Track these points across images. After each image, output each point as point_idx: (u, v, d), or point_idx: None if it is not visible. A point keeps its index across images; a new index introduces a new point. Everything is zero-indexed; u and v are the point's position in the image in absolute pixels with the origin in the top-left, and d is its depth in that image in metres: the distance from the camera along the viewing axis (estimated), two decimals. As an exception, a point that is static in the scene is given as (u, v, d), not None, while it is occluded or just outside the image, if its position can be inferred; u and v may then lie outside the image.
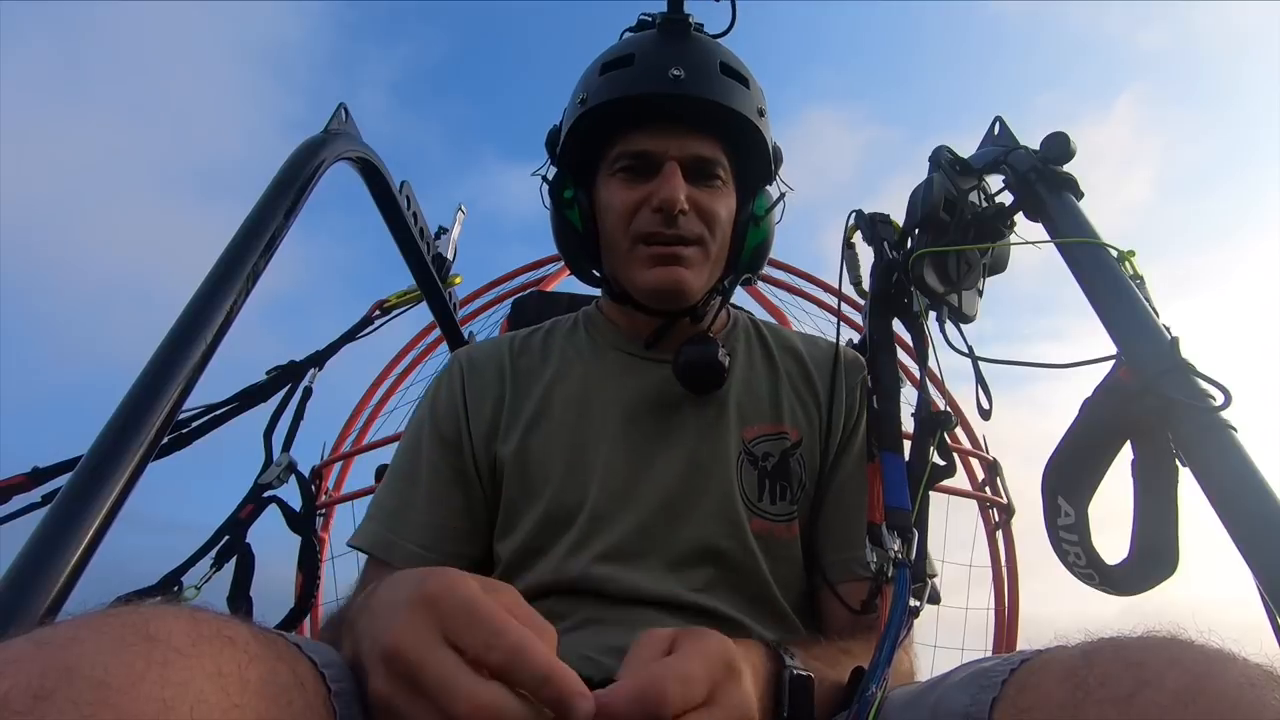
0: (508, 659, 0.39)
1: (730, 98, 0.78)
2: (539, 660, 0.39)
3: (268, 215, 0.79)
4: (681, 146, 0.78)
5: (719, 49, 0.82)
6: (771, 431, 0.83)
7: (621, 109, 0.79)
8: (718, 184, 0.81)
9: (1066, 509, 0.64)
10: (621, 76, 0.79)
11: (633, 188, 0.79)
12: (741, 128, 0.80)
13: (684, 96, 0.77)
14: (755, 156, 0.84)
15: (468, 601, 0.41)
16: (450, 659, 0.39)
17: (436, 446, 0.84)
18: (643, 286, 0.79)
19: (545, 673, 0.38)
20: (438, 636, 0.40)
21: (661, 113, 0.79)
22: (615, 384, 0.84)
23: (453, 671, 0.38)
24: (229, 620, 0.39)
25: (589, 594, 0.75)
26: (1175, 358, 0.56)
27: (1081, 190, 0.72)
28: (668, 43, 0.81)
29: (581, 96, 0.81)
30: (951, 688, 0.48)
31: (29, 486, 0.95)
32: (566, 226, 0.85)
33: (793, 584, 0.80)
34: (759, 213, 0.84)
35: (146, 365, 0.64)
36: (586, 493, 0.79)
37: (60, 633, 0.33)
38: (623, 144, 0.80)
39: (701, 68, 0.78)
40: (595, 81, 0.81)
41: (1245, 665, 0.36)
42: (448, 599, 0.41)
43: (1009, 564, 2.39)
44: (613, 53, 0.82)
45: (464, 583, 0.42)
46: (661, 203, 0.76)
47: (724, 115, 0.78)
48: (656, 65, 0.78)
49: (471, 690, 0.38)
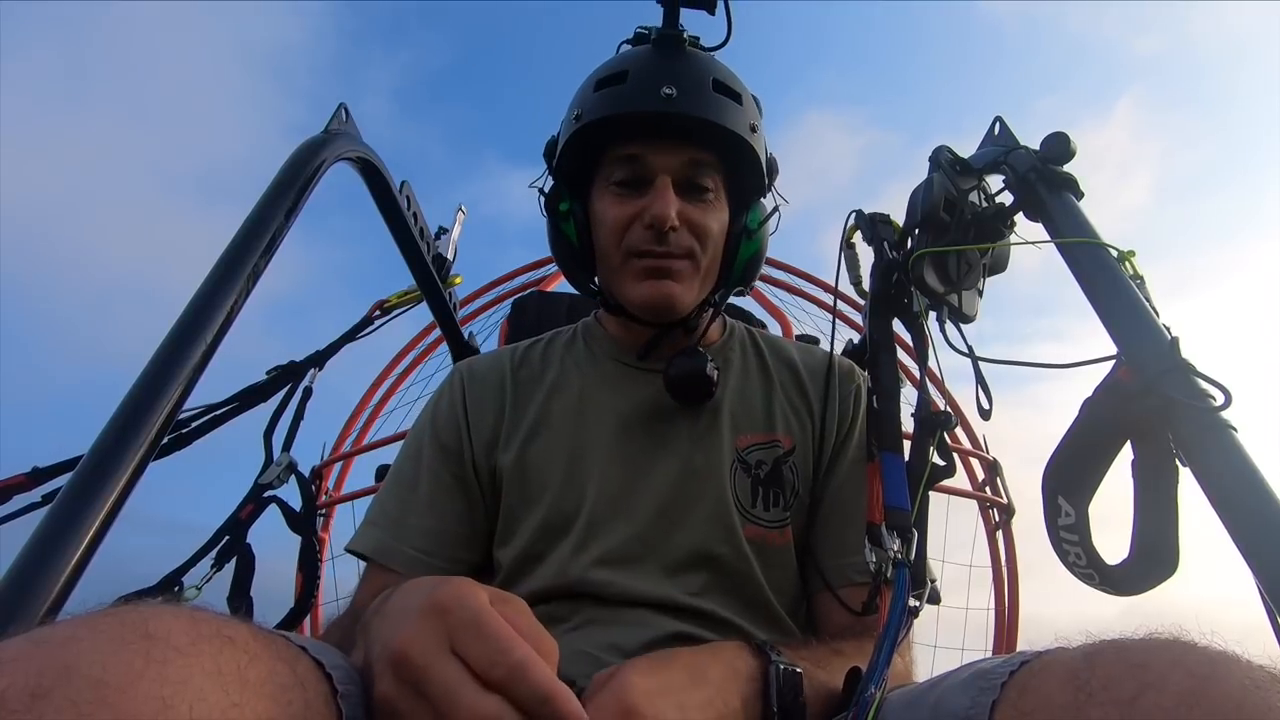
0: (510, 675, 0.40)
1: (722, 115, 0.79)
2: (540, 680, 0.40)
3: (268, 215, 0.79)
4: (673, 162, 0.79)
5: (713, 64, 0.83)
6: (764, 440, 0.84)
7: (615, 124, 0.80)
8: (709, 198, 0.82)
9: (1067, 509, 0.64)
10: (615, 94, 0.80)
11: (625, 202, 0.80)
12: (734, 143, 0.81)
13: (675, 114, 0.77)
14: (748, 170, 0.85)
15: (476, 614, 0.41)
16: (455, 668, 0.40)
17: (438, 454, 0.85)
18: (634, 300, 0.81)
19: (546, 693, 0.39)
20: (445, 645, 0.41)
21: (654, 128, 0.79)
22: (612, 394, 0.86)
23: (457, 681, 0.39)
24: (229, 620, 0.39)
25: (588, 597, 0.76)
26: (1175, 358, 0.56)
27: (1082, 190, 0.72)
28: (661, 59, 0.82)
29: (577, 112, 0.82)
30: (951, 689, 0.48)
31: (29, 486, 0.95)
32: (562, 239, 0.86)
33: (786, 589, 0.81)
34: (752, 226, 0.85)
35: (147, 365, 0.64)
36: (584, 500, 0.80)
37: (58, 631, 0.33)
38: (616, 158, 0.81)
39: (694, 85, 0.79)
40: (590, 98, 0.82)
41: (1249, 667, 0.36)
42: (457, 610, 0.42)
43: (1009, 564, 2.38)
44: (607, 69, 0.83)
45: (474, 594, 0.43)
46: (653, 219, 0.77)
47: (715, 131, 0.79)
48: (649, 83, 0.78)
49: (473, 701, 0.39)
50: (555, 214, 0.86)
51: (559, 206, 0.86)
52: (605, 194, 0.82)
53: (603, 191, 0.83)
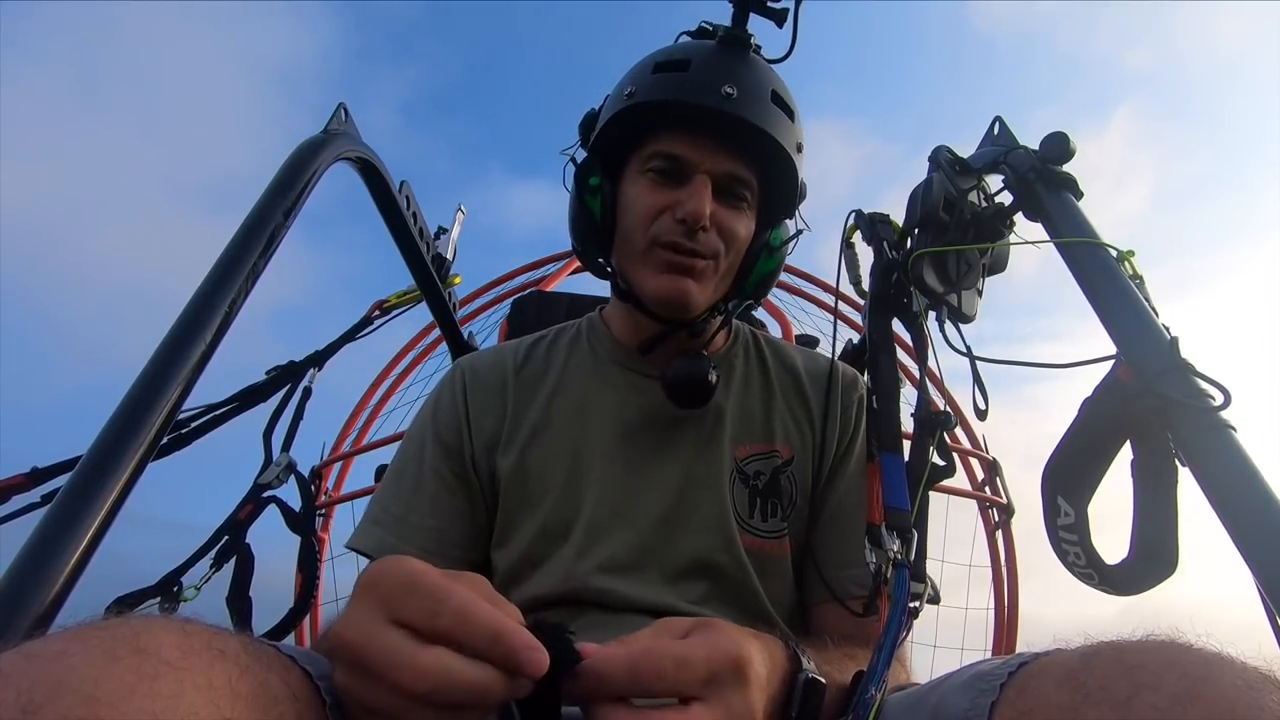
0: (454, 622, 0.38)
1: (775, 127, 0.77)
2: (485, 619, 0.38)
3: (267, 215, 0.79)
4: (716, 162, 0.78)
5: (773, 76, 0.81)
6: (763, 451, 0.84)
7: (666, 111, 0.78)
8: (743, 206, 0.81)
9: (1066, 509, 0.64)
10: (673, 80, 0.78)
11: (660, 191, 0.78)
12: (778, 158, 0.80)
13: (732, 115, 0.76)
14: (783, 188, 0.84)
15: (406, 576, 0.41)
16: (391, 635, 0.39)
17: (439, 453, 0.84)
18: (650, 291, 0.79)
19: (493, 629, 0.38)
20: (381, 617, 0.40)
21: (704, 125, 0.78)
22: (614, 399, 0.85)
23: (394, 645, 0.38)
24: (220, 632, 0.38)
25: (588, 605, 0.75)
26: (1175, 357, 0.56)
27: (1081, 190, 0.72)
28: (725, 57, 0.80)
29: (630, 89, 0.80)
30: (951, 690, 0.48)
31: (28, 486, 0.95)
32: (585, 214, 0.84)
33: (784, 599, 0.81)
34: (774, 243, 0.84)
35: (146, 365, 0.64)
36: (584, 505, 0.79)
37: (50, 646, 0.33)
38: (659, 145, 0.79)
39: (754, 91, 0.77)
40: (646, 78, 0.80)
41: (1243, 668, 0.36)
42: (387, 579, 0.41)
43: (1009, 564, 2.39)
44: (669, 54, 0.81)
45: (405, 562, 0.42)
46: (686, 214, 0.75)
47: (764, 142, 0.78)
48: (710, 78, 0.77)
49: (412, 659, 0.38)
50: (583, 187, 0.84)
51: (588, 180, 0.84)
52: (640, 179, 0.80)
53: (637, 176, 0.81)
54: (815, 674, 0.53)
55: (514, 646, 0.38)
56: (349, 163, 1.03)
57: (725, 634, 0.47)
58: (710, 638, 0.46)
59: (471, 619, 0.38)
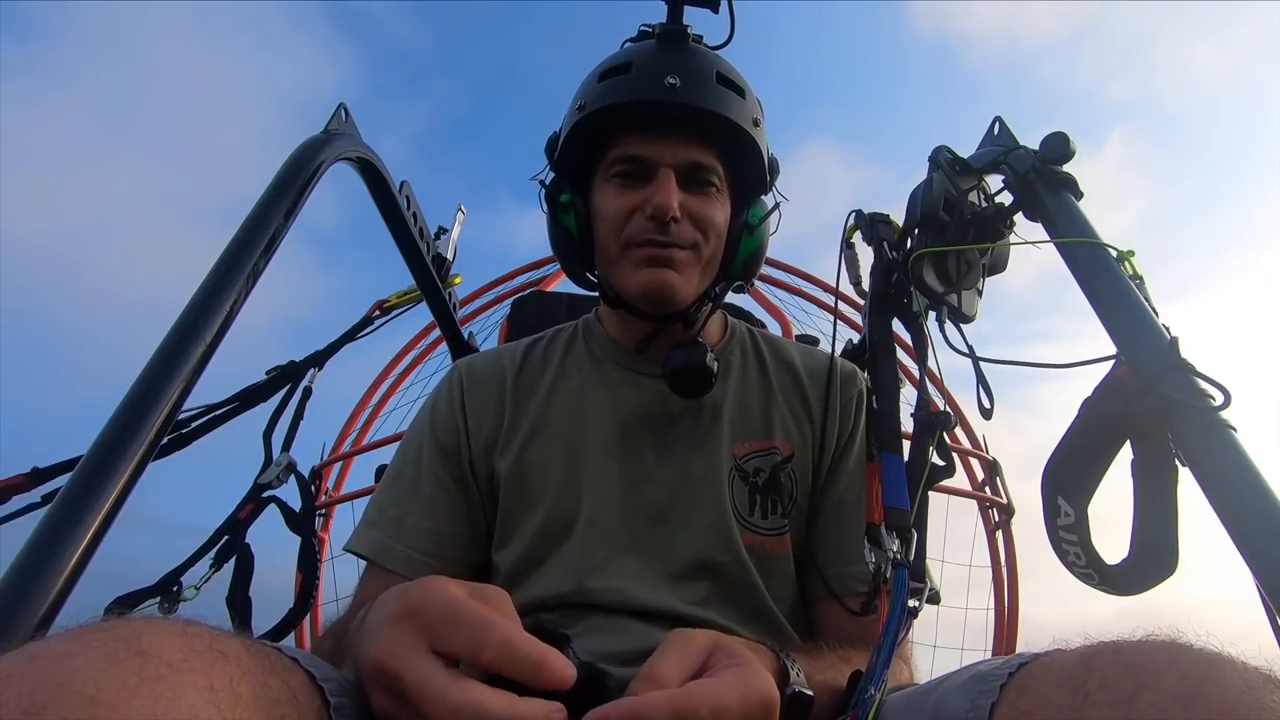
0: (499, 653, 0.40)
1: (725, 106, 0.78)
2: (530, 648, 0.40)
3: (268, 215, 0.79)
4: (676, 153, 0.79)
5: (716, 59, 0.83)
6: (762, 448, 0.84)
7: (618, 115, 0.80)
8: (712, 191, 0.81)
9: (1066, 509, 0.64)
10: (618, 84, 0.80)
11: (627, 193, 0.79)
12: (736, 136, 0.80)
13: (678, 104, 0.77)
14: (750, 165, 0.84)
15: (449, 606, 0.41)
16: (428, 666, 0.40)
17: (437, 455, 0.84)
18: (632, 288, 0.80)
19: (538, 658, 0.40)
20: (421, 646, 0.41)
21: (657, 120, 0.79)
22: (611, 398, 0.85)
23: (428, 677, 0.39)
24: (221, 634, 0.39)
25: (590, 605, 0.75)
26: (1175, 358, 0.56)
27: (1081, 190, 0.72)
28: (665, 52, 0.82)
29: (580, 103, 0.82)
30: (951, 691, 0.48)
31: (28, 486, 0.95)
32: (562, 232, 0.85)
33: (787, 597, 0.81)
34: (753, 221, 0.85)
35: (146, 365, 0.64)
36: (583, 505, 0.79)
37: (52, 648, 0.33)
38: (618, 150, 0.80)
39: (697, 76, 0.78)
40: (593, 88, 0.81)
41: (1244, 668, 0.36)
42: (430, 608, 0.42)
43: (1009, 564, 2.38)
44: (611, 61, 0.83)
45: (445, 589, 0.43)
46: (654, 209, 0.76)
47: (719, 123, 0.79)
48: (652, 73, 0.78)
49: (445, 693, 0.39)
50: (555, 206, 0.86)
51: (559, 199, 0.85)
52: (607, 186, 0.81)
53: (603, 184, 0.82)
54: (803, 688, 0.54)
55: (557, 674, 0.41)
56: (349, 162, 1.03)
57: (755, 675, 0.48)
58: (742, 679, 0.47)
59: (516, 650, 0.40)
